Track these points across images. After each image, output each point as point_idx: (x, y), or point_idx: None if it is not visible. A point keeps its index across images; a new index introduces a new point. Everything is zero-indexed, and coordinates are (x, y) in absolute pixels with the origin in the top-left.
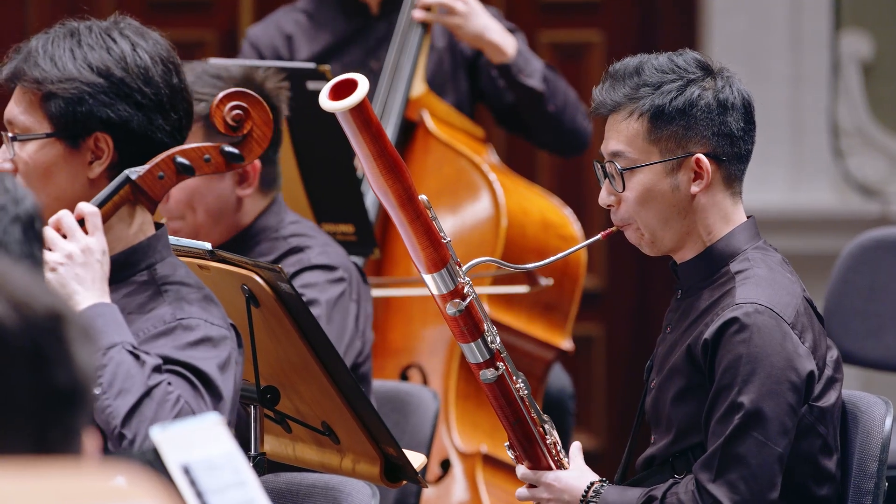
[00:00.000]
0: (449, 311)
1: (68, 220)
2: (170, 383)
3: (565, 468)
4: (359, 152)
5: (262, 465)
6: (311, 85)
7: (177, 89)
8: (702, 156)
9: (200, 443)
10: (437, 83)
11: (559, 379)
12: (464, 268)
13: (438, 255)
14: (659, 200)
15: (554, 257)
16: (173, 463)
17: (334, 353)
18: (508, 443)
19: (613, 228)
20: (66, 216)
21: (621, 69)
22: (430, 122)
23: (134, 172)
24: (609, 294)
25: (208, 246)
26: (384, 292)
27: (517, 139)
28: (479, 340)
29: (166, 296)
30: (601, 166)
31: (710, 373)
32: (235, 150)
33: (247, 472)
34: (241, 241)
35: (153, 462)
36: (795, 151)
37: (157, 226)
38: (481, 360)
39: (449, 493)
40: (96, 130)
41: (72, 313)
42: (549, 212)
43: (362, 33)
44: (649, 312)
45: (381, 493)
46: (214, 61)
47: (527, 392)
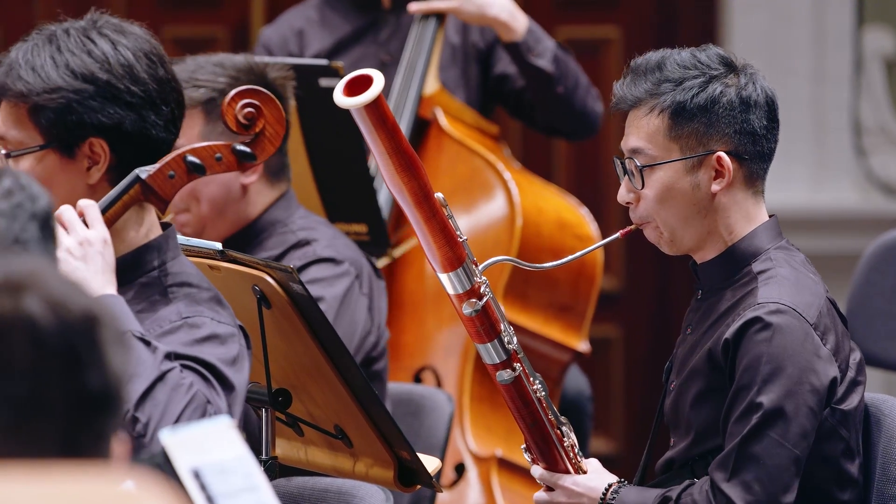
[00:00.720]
0: (465, 311)
1: (69, 215)
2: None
3: (583, 471)
4: (374, 149)
5: (274, 469)
6: (324, 82)
7: (164, 81)
8: (723, 154)
9: (211, 446)
10: (450, 79)
11: (577, 381)
12: (480, 267)
13: (454, 254)
14: (679, 199)
15: (572, 256)
16: (183, 467)
17: (347, 355)
18: (525, 445)
19: (632, 227)
20: (66, 211)
21: (643, 64)
22: (443, 119)
23: (144, 172)
24: (627, 295)
25: (218, 246)
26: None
27: (533, 137)
28: (496, 341)
29: (174, 297)
30: (621, 163)
31: (731, 372)
32: (248, 149)
33: (258, 476)
34: (249, 235)
35: (163, 466)
36: (817, 150)
37: (164, 226)
38: (498, 361)
39: (464, 497)
40: (90, 136)
41: (106, 316)
42: (565, 211)
43: (374, 27)
44: (668, 314)
45: (394, 497)
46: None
47: (544, 394)
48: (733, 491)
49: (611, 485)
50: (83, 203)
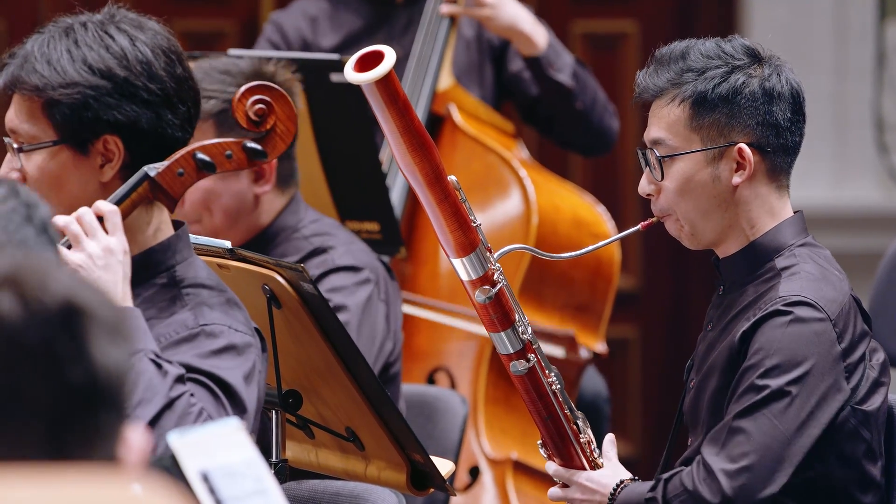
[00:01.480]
0: (478, 299)
1: (89, 218)
2: (192, 395)
3: (599, 467)
4: (385, 128)
5: (284, 473)
6: (335, 77)
7: (182, 79)
8: (744, 146)
9: (220, 449)
10: (464, 75)
11: (594, 383)
12: (496, 254)
13: (467, 239)
14: (699, 191)
15: (591, 247)
16: (192, 470)
17: (359, 356)
18: (541, 440)
19: (653, 219)
20: (87, 213)
21: (667, 53)
22: (457, 116)
23: (152, 169)
24: (645, 294)
25: (227, 244)
26: (410, 310)
27: None
28: (510, 330)
29: (187, 299)
30: (643, 153)
31: (744, 359)
32: (258, 146)
33: (268, 479)
34: (261, 242)
35: (171, 469)
36: (839, 146)
37: (176, 225)
38: (511, 351)
39: (478, 501)
40: (104, 133)
41: (93, 304)
42: (581, 209)
43: (386, 20)
44: (686, 314)
45: (407, 501)
46: (234, 52)
47: (559, 386)
48: (716, 461)
49: (622, 481)
50: (105, 209)
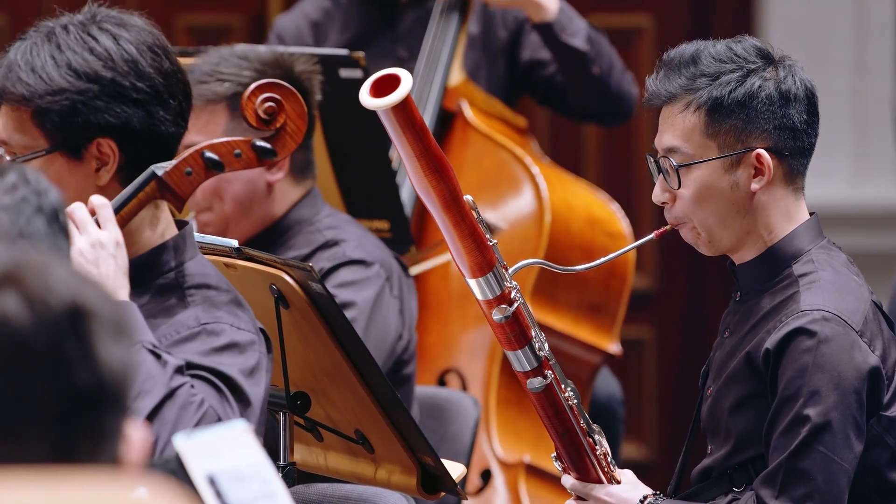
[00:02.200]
0: (495, 318)
1: (80, 214)
2: (193, 385)
3: (616, 481)
4: (401, 151)
5: (292, 476)
6: (344, 73)
7: (170, 73)
8: (763, 151)
9: (227, 452)
10: (474, 71)
11: (608, 384)
12: (510, 271)
13: (484, 259)
14: (717, 198)
15: (603, 259)
16: (198, 473)
17: (368, 356)
18: (556, 454)
19: (668, 227)
20: (78, 209)
21: (676, 57)
22: (469, 112)
23: (160, 168)
24: (660, 295)
25: (234, 243)
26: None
27: (561, 130)
28: (527, 348)
29: (192, 300)
30: (655, 161)
31: (773, 384)
32: (268, 145)
33: (276, 482)
34: (275, 234)
35: (177, 472)
36: (858, 144)
37: (179, 224)
38: (529, 369)
39: None
40: (97, 137)
41: (96, 304)
42: (595, 207)
43: (391, 21)
44: (703, 314)
45: None
46: (241, 47)
47: (576, 401)
48: None
49: (646, 496)
50: (96, 202)
